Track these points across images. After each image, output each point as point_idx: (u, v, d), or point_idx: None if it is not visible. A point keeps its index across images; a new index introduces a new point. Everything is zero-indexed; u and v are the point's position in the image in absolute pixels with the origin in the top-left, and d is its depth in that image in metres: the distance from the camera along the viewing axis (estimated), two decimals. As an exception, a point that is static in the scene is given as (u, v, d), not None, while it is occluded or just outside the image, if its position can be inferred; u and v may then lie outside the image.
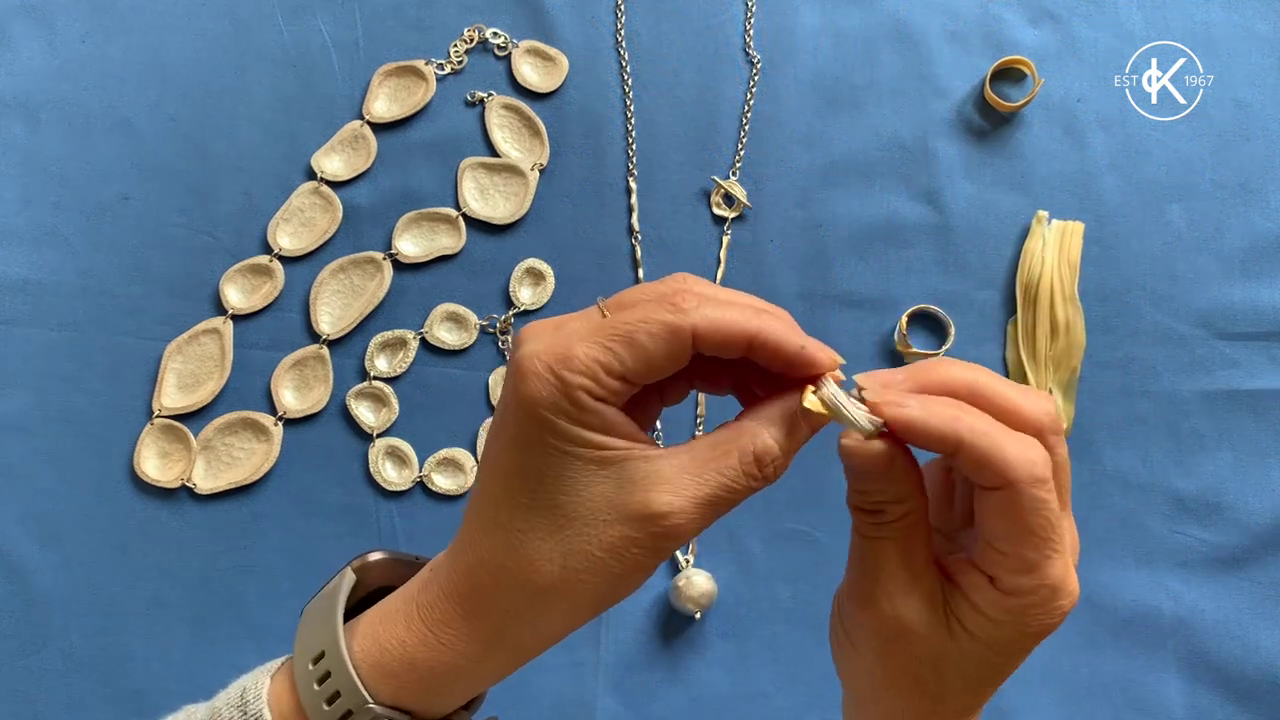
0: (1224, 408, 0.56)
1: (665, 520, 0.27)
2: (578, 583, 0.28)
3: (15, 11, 0.58)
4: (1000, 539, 0.28)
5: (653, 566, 0.29)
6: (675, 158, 0.59)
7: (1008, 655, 0.30)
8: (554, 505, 0.28)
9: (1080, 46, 0.59)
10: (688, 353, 0.28)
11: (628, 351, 0.27)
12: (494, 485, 0.29)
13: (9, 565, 0.53)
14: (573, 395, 0.27)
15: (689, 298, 0.28)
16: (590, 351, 0.27)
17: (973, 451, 0.27)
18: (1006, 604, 0.29)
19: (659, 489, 0.28)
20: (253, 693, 0.30)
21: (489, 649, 0.29)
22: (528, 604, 0.28)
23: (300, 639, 0.31)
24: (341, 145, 0.58)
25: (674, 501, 0.27)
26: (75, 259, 0.56)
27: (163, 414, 0.55)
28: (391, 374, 0.56)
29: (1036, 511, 0.27)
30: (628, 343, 0.27)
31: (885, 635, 0.30)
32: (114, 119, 0.57)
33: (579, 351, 0.27)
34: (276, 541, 0.55)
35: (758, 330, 0.28)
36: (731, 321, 0.28)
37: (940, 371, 0.29)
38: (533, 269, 0.57)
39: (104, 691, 0.53)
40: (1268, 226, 0.57)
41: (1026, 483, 0.27)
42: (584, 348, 0.27)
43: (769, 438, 0.28)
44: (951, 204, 0.58)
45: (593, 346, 0.27)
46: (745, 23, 0.60)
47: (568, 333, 0.28)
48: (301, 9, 0.59)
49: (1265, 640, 0.54)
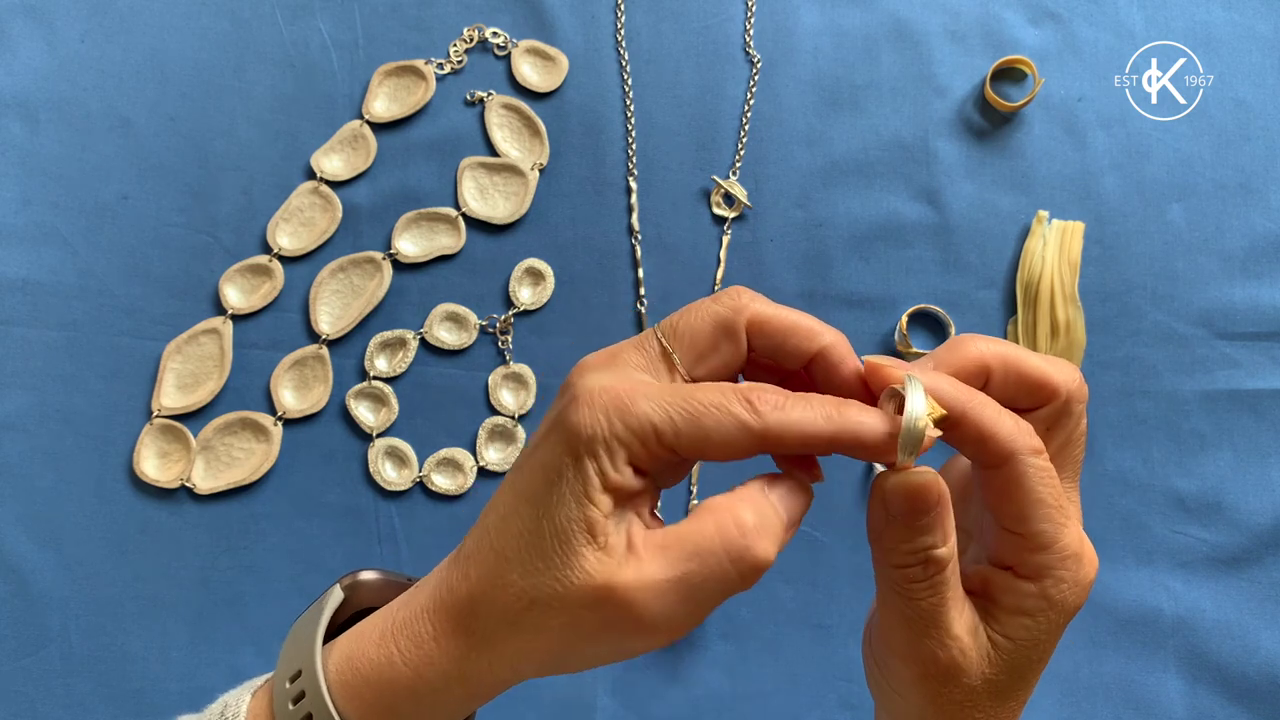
0: (1224, 408, 0.56)
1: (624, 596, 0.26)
2: (539, 629, 0.27)
3: (15, 11, 0.58)
4: (1014, 520, 0.28)
5: (616, 649, 0.28)
6: (675, 157, 0.58)
7: (1045, 647, 0.30)
8: (540, 542, 0.27)
9: (1081, 46, 0.59)
10: (750, 454, 0.27)
11: (689, 429, 0.26)
12: (501, 502, 0.29)
13: (8, 565, 0.53)
14: (616, 446, 0.27)
15: (767, 401, 0.27)
16: (654, 413, 0.27)
17: (975, 425, 0.28)
18: (1036, 590, 0.29)
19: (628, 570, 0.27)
20: (233, 710, 0.30)
21: (456, 675, 0.28)
22: (494, 633, 0.28)
23: (282, 656, 0.30)
24: (341, 145, 0.58)
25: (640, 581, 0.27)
26: (74, 259, 0.56)
27: (162, 414, 0.55)
28: (391, 374, 0.56)
29: (1041, 481, 0.28)
30: (693, 422, 0.26)
31: (938, 679, 0.29)
32: (113, 119, 0.57)
33: (643, 407, 0.27)
34: (276, 541, 0.55)
35: (835, 435, 0.27)
36: (809, 431, 0.27)
37: (974, 347, 0.29)
38: (532, 269, 0.57)
39: (103, 691, 0.53)
40: (1268, 226, 0.57)
41: (1026, 453, 0.28)
42: (649, 405, 0.27)
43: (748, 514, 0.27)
44: (952, 204, 0.58)
45: (658, 408, 0.27)
46: (745, 22, 0.60)
47: (636, 384, 0.27)
48: (301, 9, 0.59)
49: (1266, 640, 0.54)
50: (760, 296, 0.29)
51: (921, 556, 0.28)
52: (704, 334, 0.29)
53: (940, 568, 0.28)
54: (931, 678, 0.29)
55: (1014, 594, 0.29)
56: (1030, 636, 0.29)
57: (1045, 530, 0.28)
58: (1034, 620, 0.29)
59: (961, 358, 0.29)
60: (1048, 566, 0.28)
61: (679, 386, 0.27)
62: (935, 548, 0.28)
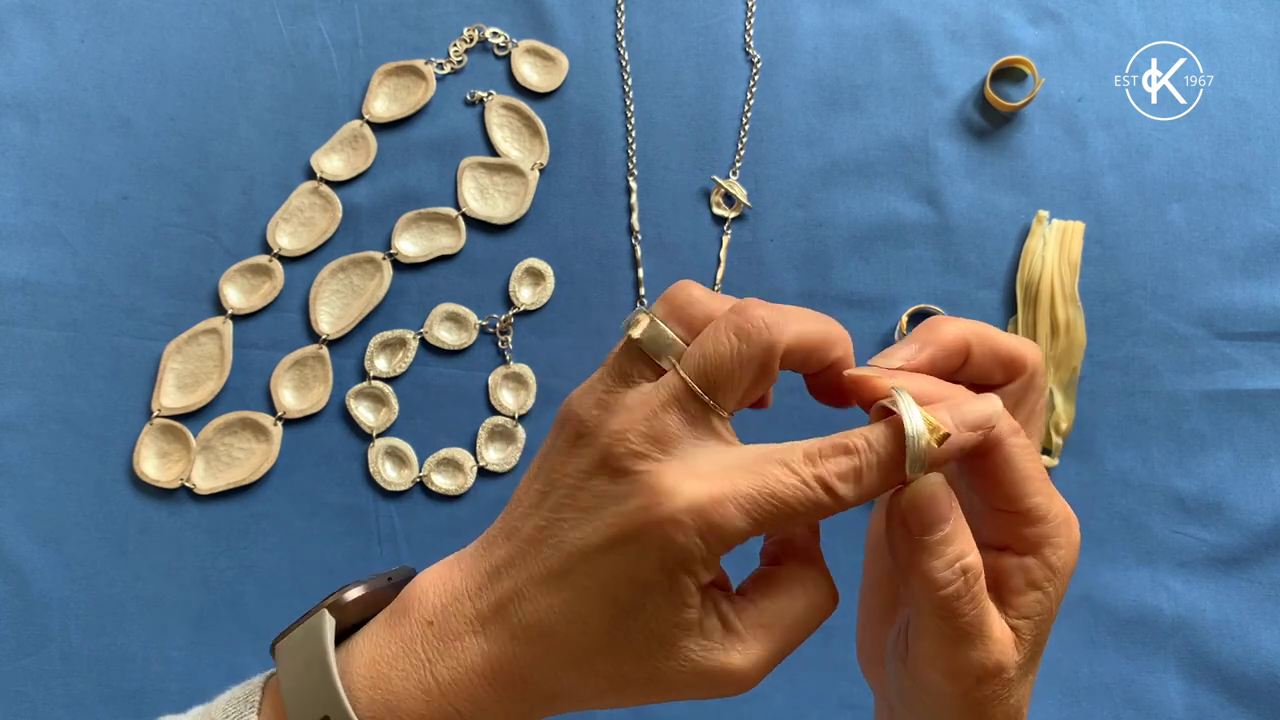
0: (1224, 408, 0.56)
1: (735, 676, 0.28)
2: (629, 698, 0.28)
3: (15, 11, 0.58)
4: (1008, 499, 0.29)
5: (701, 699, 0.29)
6: (675, 157, 0.58)
7: (1054, 616, 0.30)
8: (630, 641, 0.28)
9: (1081, 46, 0.59)
10: None
11: (776, 522, 0.27)
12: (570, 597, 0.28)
13: (8, 565, 0.53)
14: (711, 559, 0.27)
15: (844, 477, 0.27)
16: (745, 522, 0.27)
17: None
18: (1040, 562, 0.29)
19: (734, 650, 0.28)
20: None
21: None
22: (574, 699, 0.29)
23: (288, 693, 0.29)
24: (341, 145, 0.58)
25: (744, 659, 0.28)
26: (74, 259, 0.56)
27: (162, 414, 0.55)
28: (391, 374, 0.56)
29: (1028, 458, 0.29)
30: (780, 515, 0.27)
31: (983, 682, 0.29)
32: (113, 118, 0.57)
33: (736, 522, 0.27)
34: (276, 541, 0.55)
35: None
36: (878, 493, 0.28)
37: (952, 328, 0.30)
38: (533, 269, 0.57)
39: (103, 691, 0.53)
40: (1268, 226, 0.57)
41: (1010, 434, 0.29)
42: (739, 515, 0.27)
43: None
44: (952, 203, 0.58)
45: (746, 516, 0.27)
46: (745, 22, 0.60)
47: (716, 487, 0.27)
48: (301, 9, 0.59)
49: (1266, 640, 0.54)
50: (776, 314, 0.29)
51: (958, 570, 0.28)
52: (745, 383, 0.29)
53: (978, 575, 0.28)
54: (978, 683, 0.29)
55: (1022, 572, 0.29)
56: (1043, 610, 0.30)
57: (1039, 503, 0.29)
58: (1044, 592, 0.29)
59: (944, 338, 0.30)
60: (1046, 536, 0.29)
61: (750, 467, 0.27)
62: (966, 555, 0.28)
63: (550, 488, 0.29)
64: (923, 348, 0.30)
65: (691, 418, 0.28)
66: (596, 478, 0.28)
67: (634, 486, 0.28)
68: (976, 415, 0.28)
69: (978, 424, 0.28)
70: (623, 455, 0.28)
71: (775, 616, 0.29)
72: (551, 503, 0.29)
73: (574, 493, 0.28)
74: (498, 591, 0.29)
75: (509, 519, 0.30)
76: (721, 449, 0.28)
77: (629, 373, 0.29)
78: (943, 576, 0.28)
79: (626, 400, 0.29)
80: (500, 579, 0.29)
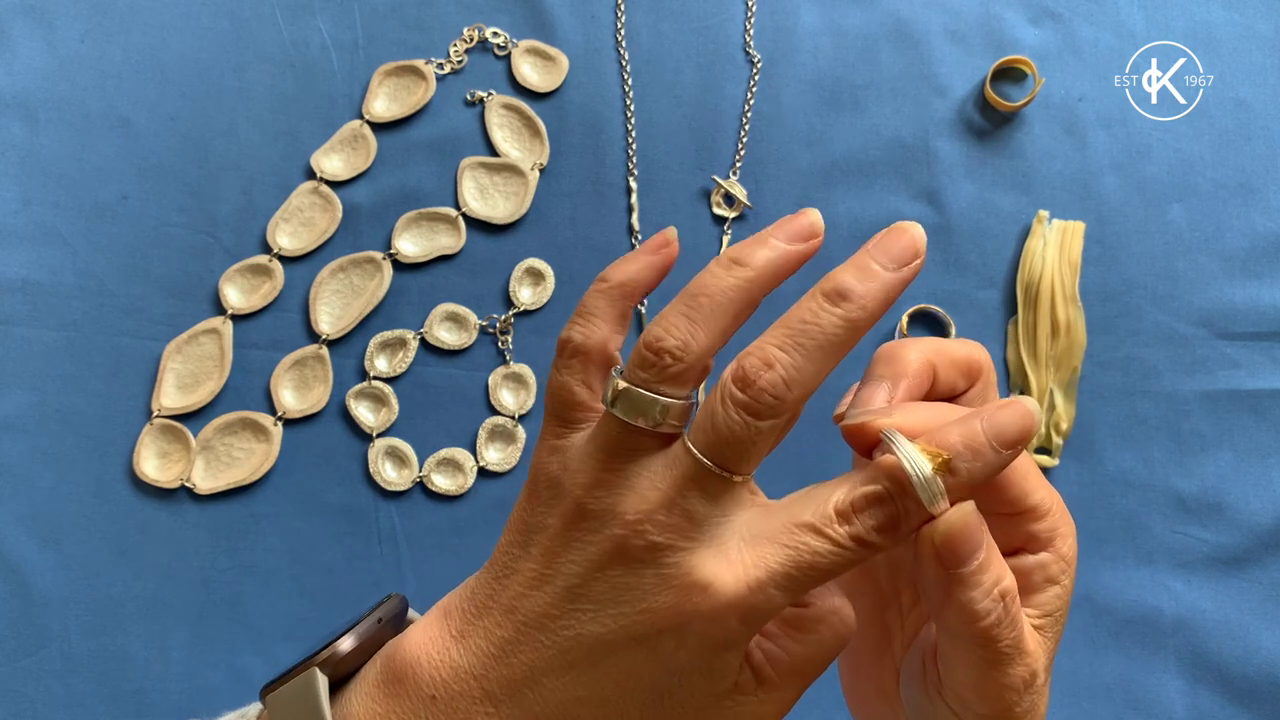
0: (1225, 408, 0.56)
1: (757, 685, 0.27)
2: None
3: (15, 11, 0.58)
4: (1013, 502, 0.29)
5: None
6: (675, 157, 0.58)
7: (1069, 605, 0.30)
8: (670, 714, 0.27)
9: (1081, 46, 0.59)
10: None
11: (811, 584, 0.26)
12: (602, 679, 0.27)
13: (8, 565, 0.53)
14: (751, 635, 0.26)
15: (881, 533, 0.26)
16: (784, 598, 0.26)
17: None
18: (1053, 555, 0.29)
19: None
20: None
21: None
22: None
23: None
24: (341, 145, 0.58)
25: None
26: (74, 259, 0.56)
27: (162, 414, 0.55)
28: (391, 374, 0.56)
29: (1022, 457, 0.29)
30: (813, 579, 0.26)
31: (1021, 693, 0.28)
32: (113, 118, 0.57)
33: (776, 600, 0.25)
34: (276, 541, 0.55)
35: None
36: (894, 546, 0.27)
37: (913, 354, 0.29)
38: (533, 269, 0.57)
39: (103, 691, 0.53)
40: (1269, 226, 0.57)
41: None
42: (777, 594, 0.25)
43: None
44: (952, 204, 0.58)
45: (785, 591, 0.25)
46: (745, 22, 0.60)
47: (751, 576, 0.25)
48: (301, 9, 0.59)
49: (1266, 640, 0.54)
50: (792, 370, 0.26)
51: (997, 596, 0.26)
52: (767, 450, 0.27)
53: (1015, 596, 0.27)
54: (1019, 697, 0.28)
55: (1040, 569, 0.29)
56: (1061, 604, 0.29)
57: (1043, 498, 0.29)
58: (1061, 585, 0.29)
59: (911, 365, 0.29)
60: (1053, 528, 0.29)
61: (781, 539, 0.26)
62: (1003, 578, 0.27)
63: (551, 570, 0.27)
64: (896, 381, 0.29)
65: (713, 494, 0.26)
66: (613, 569, 0.26)
67: (661, 579, 0.26)
68: (1013, 430, 0.26)
69: (1015, 440, 0.26)
70: (643, 548, 0.26)
71: (806, 661, 0.27)
72: (558, 589, 0.27)
73: (586, 583, 0.26)
74: (507, 674, 0.27)
75: (502, 591, 0.28)
76: (748, 518, 0.27)
77: (625, 446, 0.27)
78: (983, 607, 0.26)
79: (635, 482, 0.26)
80: (508, 660, 0.27)
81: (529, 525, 0.28)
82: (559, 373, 0.29)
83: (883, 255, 0.28)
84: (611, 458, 0.27)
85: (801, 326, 0.27)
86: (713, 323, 0.28)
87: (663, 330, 0.27)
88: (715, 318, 0.28)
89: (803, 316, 0.27)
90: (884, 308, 0.27)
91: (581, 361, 0.29)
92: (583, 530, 0.27)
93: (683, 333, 0.27)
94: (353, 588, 0.54)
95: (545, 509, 0.28)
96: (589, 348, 0.29)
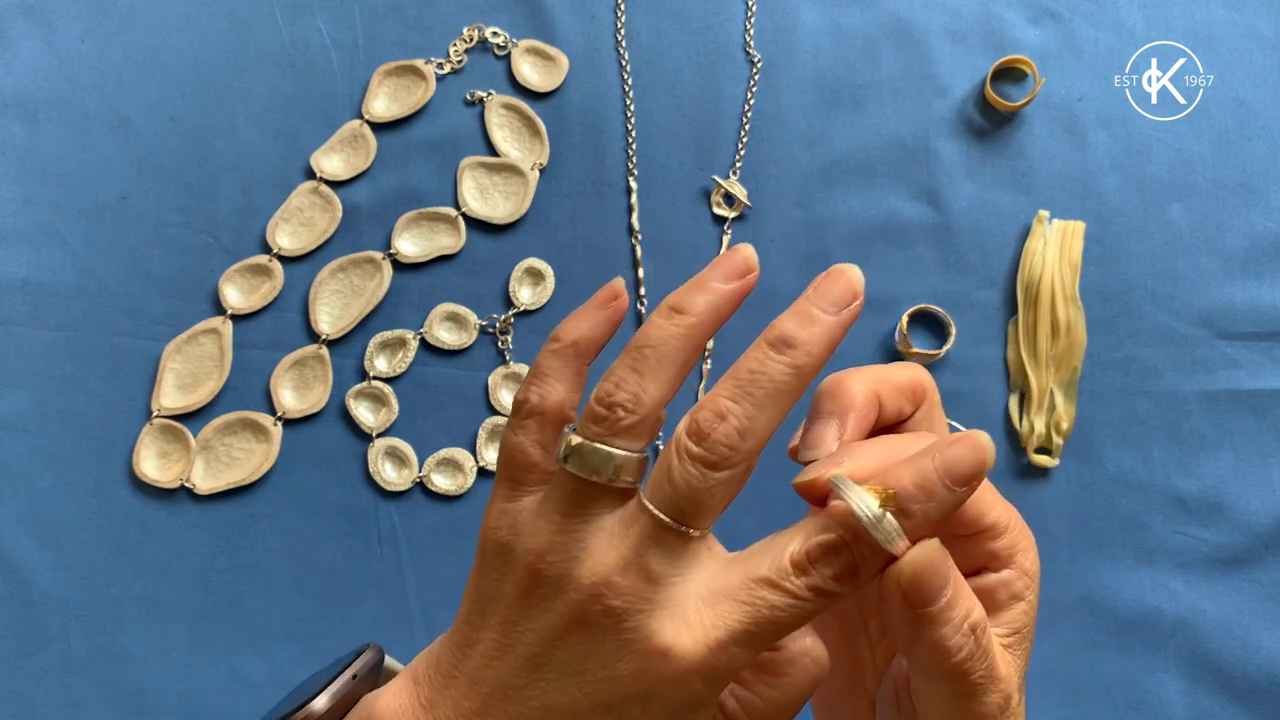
0: (1225, 408, 0.56)
1: None
2: None
3: (15, 11, 0.58)
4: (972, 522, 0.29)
5: None
6: (675, 157, 0.58)
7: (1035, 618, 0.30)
8: None
9: (1081, 46, 0.59)
10: None
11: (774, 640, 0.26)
12: None
13: (7, 565, 0.53)
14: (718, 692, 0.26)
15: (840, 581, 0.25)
16: (745, 658, 0.25)
17: None
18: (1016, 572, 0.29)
19: None
20: None
21: None
22: None
23: None
24: (341, 145, 0.58)
25: None
26: (74, 259, 0.56)
27: (161, 414, 0.55)
28: (391, 374, 0.56)
29: None
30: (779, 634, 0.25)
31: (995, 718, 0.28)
32: (113, 118, 0.57)
33: (740, 658, 0.25)
34: (276, 541, 0.55)
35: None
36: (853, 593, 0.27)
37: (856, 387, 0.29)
38: (533, 269, 0.57)
39: (103, 691, 0.53)
40: (1269, 226, 0.57)
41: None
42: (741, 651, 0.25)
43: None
44: (952, 203, 0.58)
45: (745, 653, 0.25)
46: (746, 22, 0.60)
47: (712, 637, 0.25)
48: (301, 9, 0.59)
49: (1267, 641, 0.54)
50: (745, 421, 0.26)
51: (968, 630, 0.26)
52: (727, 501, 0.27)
53: (985, 626, 0.27)
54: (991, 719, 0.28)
55: (1004, 587, 0.29)
56: (1028, 620, 0.29)
57: (1000, 514, 0.29)
58: (1026, 601, 0.29)
59: (857, 399, 0.29)
60: (1013, 544, 0.29)
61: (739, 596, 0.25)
62: (972, 611, 0.27)
63: (510, 640, 0.27)
64: (844, 416, 0.28)
65: (671, 551, 0.26)
66: (573, 637, 0.26)
67: (622, 645, 0.26)
68: (965, 467, 0.25)
69: (968, 476, 0.25)
70: (601, 613, 0.26)
71: (781, 705, 0.27)
72: (520, 658, 0.27)
73: (547, 651, 0.26)
74: None
75: (465, 660, 0.28)
76: (706, 576, 0.26)
77: (579, 505, 0.27)
78: (955, 643, 0.26)
79: (590, 543, 0.26)
80: None
81: (484, 594, 0.28)
82: (513, 433, 0.29)
83: (823, 300, 0.27)
84: (566, 518, 0.27)
85: (750, 377, 0.27)
86: (660, 373, 0.27)
87: (613, 385, 0.27)
88: (663, 367, 0.27)
89: (750, 367, 0.27)
90: (829, 351, 0.27)
91: (537, 422, 0.29)
92: (538, 597, 0.26)
93: (633, 385, 0.27)
94: (353, 588, 0.54)
95: (499, 576, 0.28)
96: (545, 408, 0.29)
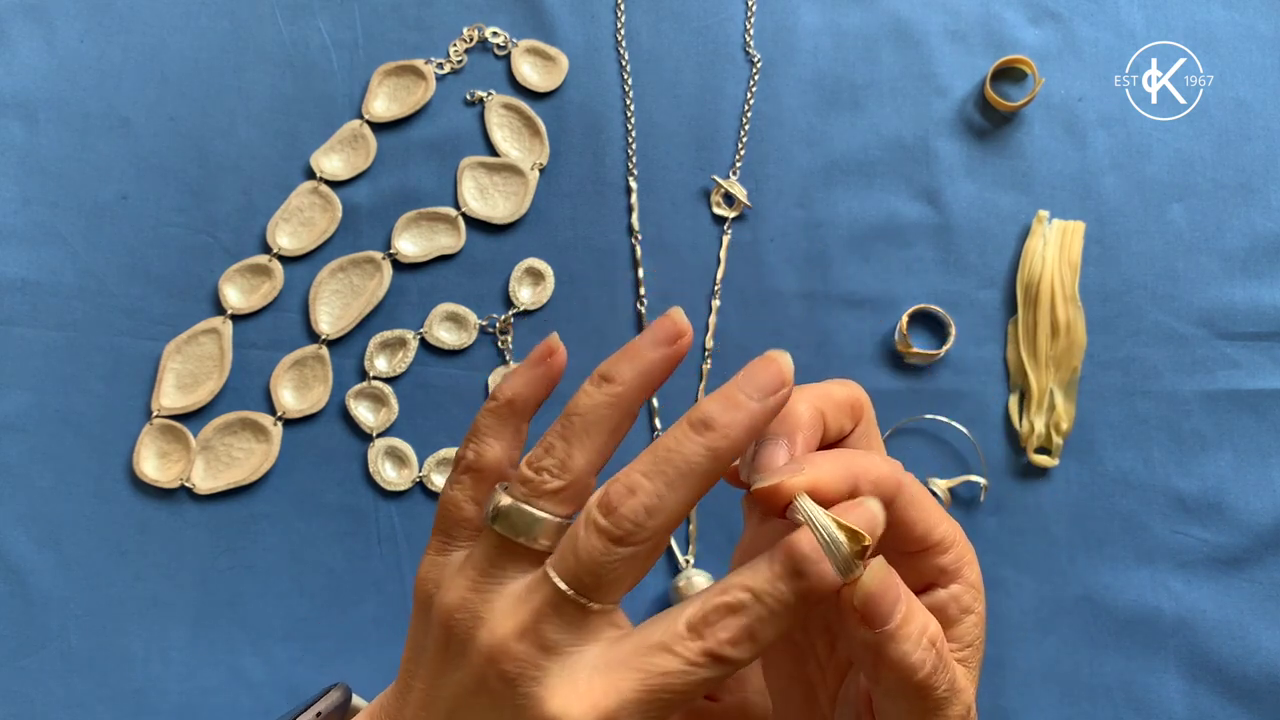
0: (1225, 408, 0.56)
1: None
2: None
3: (15, 11, 0.58)
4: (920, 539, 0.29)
5: None
6: (675, 157, 0.58)
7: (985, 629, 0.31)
8: None
9: (1081, 46, 0.59)
10: None
11: (672, 709, 0.25)
12: None
13: (7, 565, 0.53)
14: None
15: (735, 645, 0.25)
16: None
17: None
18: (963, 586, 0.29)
19: None
20: None
21: None
22: None
23: None
24: (341, 145, 0.58)
25: None
26: (74, 259, 0.56)
27: (161, 414, 0.55)
28: (391, 374, 0.56)
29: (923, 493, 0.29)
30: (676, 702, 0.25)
31: None
32: (113, 119, 0.57)
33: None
34: (275, 541, 0.55)
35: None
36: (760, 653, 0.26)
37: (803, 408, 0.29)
38: (532, 269, 0.57)
39: (103, 691, 0.53)
40: (1269, 226, 0.57)
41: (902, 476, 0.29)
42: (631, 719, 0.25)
43: None
44: (952, 203, 0.58)
45: (635, 717, 0.25)
46: (745, 22, 0.60)
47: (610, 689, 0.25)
48: (301, 9, 0.59)
49: (1267, 641, 0.54)
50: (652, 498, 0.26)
51: (927, 644, 0.26)
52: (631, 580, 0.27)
53: (943, 639, 0.27)
54: None
55: (954, 601, 0.29)
56: (978, 632, 0.29)
57: (946, 530, 0.29)
58: (975, 613, 0.29)
59: (804, 418, 0.29)
60: (959, 558, 0.29)
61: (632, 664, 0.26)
62: (928, 624, 0.27)
63: (434, 694, 0.28)
64: (792, 436, 0.28)
65: (570, 622, 0.26)
66: (479, 699, 0.27)
67: (516, 712, 0.26)
68: (881, 476, 0.27)
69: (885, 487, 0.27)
70: (498, 679, 0.26)
71: None
72: (441, 713, 0.28)
73: (462, 710, 0.27)
74: None
75: (405, 707, 0.29)
76: (604, 645, 0.27)
77: (496, 564, 0.27)
78: (918, 658, 0.26)
79: (495, 605, 0.27)
80: None
81: (417, 644, 0.29)
82: (449, 487, 0.30)
83: (749, 385, 0.27)
84: (480, 576, 0.27)
85: (666, 454, 0.26)
86: (587, 441, 0.28)
87: (543, 450, 0.28)
88: (589, 435, 0.28)
89: (668, 444, 0.27)
90: (749, 436, 0.27)
91: (472, 478, 0.29)
92: (451, 654, 0.27)
93: (560, 452, 0.28)
94: (352, 588, 0.54)
95: (423, 629, 0.29)
96: (480, 465, 0.29)
